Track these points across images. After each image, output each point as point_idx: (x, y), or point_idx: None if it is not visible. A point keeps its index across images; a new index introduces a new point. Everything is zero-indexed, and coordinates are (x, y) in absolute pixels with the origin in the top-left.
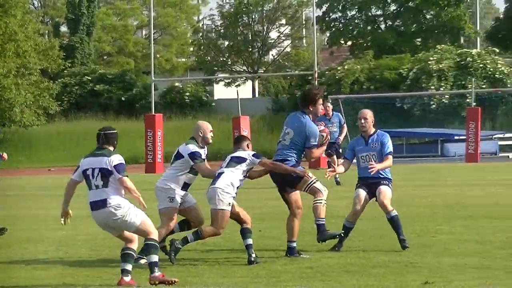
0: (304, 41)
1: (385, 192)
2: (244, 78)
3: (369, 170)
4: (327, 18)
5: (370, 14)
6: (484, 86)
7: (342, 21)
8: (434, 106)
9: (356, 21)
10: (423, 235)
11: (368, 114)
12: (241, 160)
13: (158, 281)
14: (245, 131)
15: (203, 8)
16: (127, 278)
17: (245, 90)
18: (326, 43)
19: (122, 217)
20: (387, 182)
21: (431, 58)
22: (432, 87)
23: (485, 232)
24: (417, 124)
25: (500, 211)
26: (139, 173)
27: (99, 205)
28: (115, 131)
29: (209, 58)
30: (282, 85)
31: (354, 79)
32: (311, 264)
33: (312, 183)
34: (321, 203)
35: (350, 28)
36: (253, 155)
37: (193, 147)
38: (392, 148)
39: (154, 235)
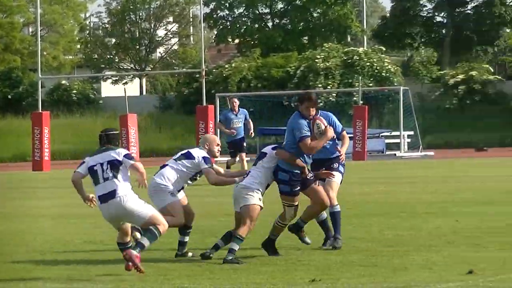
0: (192, 38)
1: (334, 184)
2: (132, 75)
3: (340, 160)
4: (214, 16)
5: (257, 12)
6: (371, 85)
7: (230, 19)
8: (321, 104)
9: (243, 19)
10: (311, 233)
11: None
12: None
13: (130, 257)
14: (133, 129)
15: (90, 6)
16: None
17: (133, 88)
18: (213, 41)
19: (131, 207)
20: (338, 165)
21: (318, 57)
22: (320, 85)
23: (373, 229)
24: None
25: (388, 208)
26: (26, 171)
27: (108, 196)
28: (117, 131)
29: (96, 55)
30: (170, 83)
31: (241, 77)
32: (200, 263)
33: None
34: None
35: (238, 26)
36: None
37: (207, 154)
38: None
39: (162, 227)
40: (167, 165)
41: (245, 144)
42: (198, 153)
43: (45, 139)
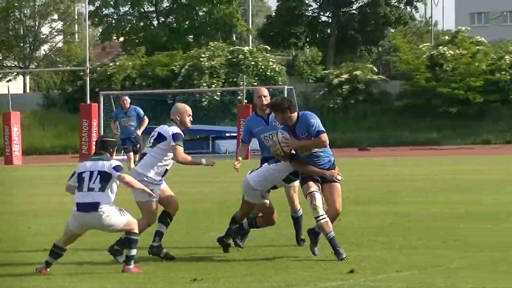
0: (77, 36)
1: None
2: (15, 73)
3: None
4: (99, 14)
5: (143, 10)
6: (255, 84)
7: (115, 16)
8: (205, 103)
9: (128, 17)
10: (193, 231)
11: (266, 91)
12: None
13: (130, 272)
14: (16, 127)
15: None
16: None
17: (16, 85)
18: (98, 39)
19: (109, 222)
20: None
21: (203, 55)
22: (204, 84)
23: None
24: None
25: (279, 207)
26: None
27: (89, 207)
28: (114, 140)
29: None
30: (54, 81)
31: (126, 75)
32: (81, 261)
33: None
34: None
35: (123, 24)
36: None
37: (177, 129)
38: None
39: (136, 230)
40: (146, 153)
41: (138, 144)
42: (168, 130)
43: None
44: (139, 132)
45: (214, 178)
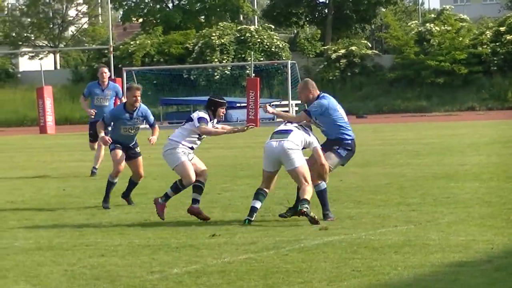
0: (100, 18)
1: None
2: (46, 52)
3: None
4: None
5: None
6: (261, 59)
7: (134, 0)
8: (217, 77)
9: (146, 0)
10: (210, 193)
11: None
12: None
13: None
14: (49, 100)
15: None
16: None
17: (48, 63)
18: (119, 20)
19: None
20: (338, 148)
21: (214, 34)
22: (216, 60)
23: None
24: (203, 93)
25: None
26: None
27: None
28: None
29: (14, 34)
30: (81, 58)
31: (145, 52)
32: (112, 219)
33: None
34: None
35: (141, 7)
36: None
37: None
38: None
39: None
40: None
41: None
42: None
43: None
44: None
45: (227, 144)
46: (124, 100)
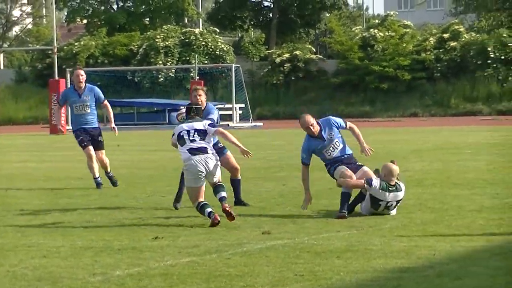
0: (44, 19)
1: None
2: None
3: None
4: None
5: None
6: (206, 62)
7: (78, 1)
8: (162, 79)
9: (90, 1)
10: (154, 195)
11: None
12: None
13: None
14: None
15: None
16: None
17: None
18: (64, 21)
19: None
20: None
21: (158, 37)
22: (160, 62)
23: (210, 192)
24: (147, 95)
25: (224, 173)
26: None
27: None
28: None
29: None
30: (25, 58)
31: (89, 53)
32: (54, 220)
33: None
34: None
35: (86, 8)
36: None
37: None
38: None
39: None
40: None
41: (101, 138)
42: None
43: None
44: (114, 127)
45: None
46: (106, 102)
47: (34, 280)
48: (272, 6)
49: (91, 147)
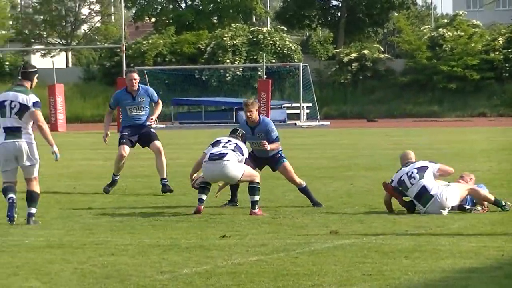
0: (113, 17)
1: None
2: (59, 49)
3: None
4: None
5: None
6: (273, 61)
7: None
8: (229, 78)
9: (159, 0)
10: (222, 195)
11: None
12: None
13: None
14: (60, 98)
15: None
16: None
17: (60, 61)
18: (132, 19)
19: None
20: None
21: (226, 35)
22: (228, 61)
23: (276, 191)
24: (214, 93)
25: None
26: None
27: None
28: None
29: (26, 31)
30: (93, 57)
31: (157, 52)
32: (122, 218)
33: None
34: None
35: (154, 6)
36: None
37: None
38: None
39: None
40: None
41: (153, 130)
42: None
43: None
44: (152, 120)
45: None
46: (159, 101)
47: (102, 278)
48: (340, 5)
49: (127, 147)
